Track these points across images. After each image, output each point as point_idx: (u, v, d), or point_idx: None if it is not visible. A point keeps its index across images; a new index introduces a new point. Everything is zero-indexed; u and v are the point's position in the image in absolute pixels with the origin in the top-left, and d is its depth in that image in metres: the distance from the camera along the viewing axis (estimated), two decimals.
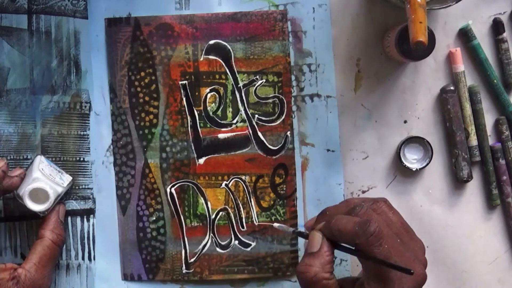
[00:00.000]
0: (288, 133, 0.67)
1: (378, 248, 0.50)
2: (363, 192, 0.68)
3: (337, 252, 0.66)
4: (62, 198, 0.65)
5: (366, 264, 0.52)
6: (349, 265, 0.66)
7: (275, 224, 0.62)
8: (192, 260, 0.67)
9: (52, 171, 0.62)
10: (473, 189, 0.68)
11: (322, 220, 0.56)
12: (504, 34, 0.67)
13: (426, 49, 0.61)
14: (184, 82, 0.67)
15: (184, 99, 0.67)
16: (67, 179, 0.63)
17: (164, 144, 0.67)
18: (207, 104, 0.67)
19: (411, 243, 0.54)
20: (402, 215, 0.68)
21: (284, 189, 0.67)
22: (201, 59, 0.66)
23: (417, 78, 0.68)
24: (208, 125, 0.67)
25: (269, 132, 0.67)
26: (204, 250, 0.67)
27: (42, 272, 0.59)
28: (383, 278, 0.50)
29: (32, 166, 0.62)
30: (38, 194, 0.60)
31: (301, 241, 0.67)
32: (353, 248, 0.52)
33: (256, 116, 0.67)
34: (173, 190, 0.67)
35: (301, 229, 0.65)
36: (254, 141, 0.67)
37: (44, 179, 0.60)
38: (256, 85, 0.67)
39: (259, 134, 0.67)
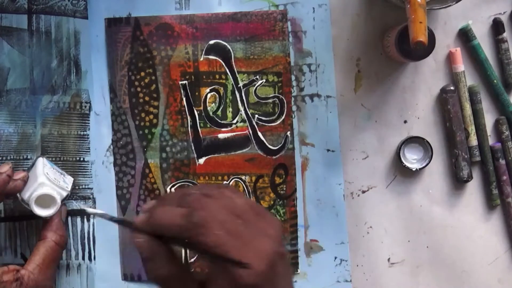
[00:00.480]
0: (288, 133, 0.67)
1: (207, 238, 0.44)
2: (363, 192, 0.68)
3: (337, 252, 0.66)
4: (65, 202, 0.65)
5: (205, 260, 0.47)
6: (349, 265, 0.66)
7: (89, 209, 0.61)
8: (192, 260, 0.67)
9: (56, 175, 0.62)
10: (473, 189, 0.68)
11: (154, 206, 0.49)
12: (504, 34, 0.67)
13: (426, 49, 0.61)
14: (184, 82, 0.67)
15: (184, 99, 0.67)
16: (70, 181, 0.63)
17: (164, 144, 0.67)
18: (207, 104, 0.67)
19: (259, 220, 0.47)
20: (402, 215, 0.68)
21: (284, 189, 0.67)
22: (201, 59, 0.66)
23: (417, 78, 0.68)
24: (208, 125, 0.67)
25: (269, 132, 0.67)
26: None
27: (45, 273, 0.59)
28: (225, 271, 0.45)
29: (35, 169, 0.61)
30: (45, 199, 0.60)
31: (301, 241, 0.67)
32: (185, 241, 0.46)
33: (256, 116, 0.67)
34: (173, 190, 0.67)
35: None
36: (254, 141, 0.67)
37: (50, 184, 0.60)
38: (256, 85, 0.67)
39: (259, 134, 0.67)
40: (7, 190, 0.59)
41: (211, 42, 0.66)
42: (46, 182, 0.60)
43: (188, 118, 0.67)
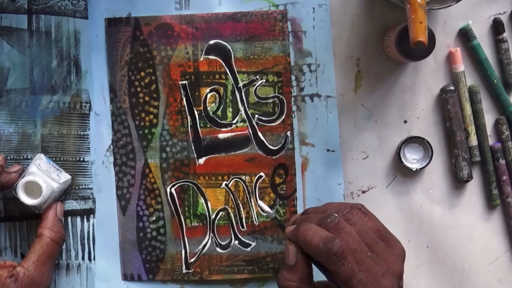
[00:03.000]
0: (288, 133, 0.67)
1: (340, 268, 0.49)
2: (363, 192, 0.68)
3: None
4: (61, 197, 0.65)
5: (330, 282, 0.52)
6: None
7: (259, 202, 0.63)
8: (192, 260, 0.67)
9: (50, 168, 0.62)
10: (473, 189, 0.68)
11: (302, 220, 0.55)
12: (504, 34, 0.67)
13: (426, 49, 0.61)
14: (184, 82, 0.67)
15: (184, 99, 0.67)
16: (64, 176, 0.63)
17: (164, 144, 0.67)
18: (207, 104, 0.67)
19: (386, 252, 0.52)
20: (402, 215, 0.68)
21: (284, 189, 0.67)
22: (201, 59, 0.66)
23: (417, 78, 0.68)
24: (208, 125, 0.67)
25: (269, 132, 0.67)
26: (204, 250, 0.67)
27: (41, 270, 0.59)
28: None
29: (30, 162, 0.62)
30: (33, 189, 0.60)
31: None
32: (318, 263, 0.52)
33: (256, 116, 0.67)
34: (173, 190, 0.67)
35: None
36: (254, 141, 0.67)
37: (39, 173, 0.60)
38: (256, 85, 0.67)
39: (259, 134, 0.67)
40: (2, 182, 0.59)
41: (211, 42, 0.66)
42: (35, 172, 0.60)
43: (188, 118, 0.67)
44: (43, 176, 0.60)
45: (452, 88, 0.67)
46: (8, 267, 0.58)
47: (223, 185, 0.67)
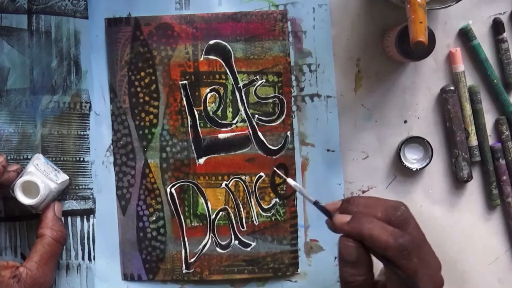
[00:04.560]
0: (288, 133, 0.67)
1: (409, 263, 0.49)
2: (363, 192, 0.68)
3: (337, 252, 0.66)
4: (59, 198, 0.64)
5: (391, 273, 0.51)
6: None
7: (290, 181, 0.57)
8: (192, 260, 0.67)
9: (48, 168, 0.62)
10: (473, 189, 0.68)
11: (348, 210, 0.53)
12: (504, 34, 0.67)
13: (426, 49, 0.61)
14: (184, 82, 0.67)
15: (184, 99, 0.67)
16: (62, 177, 0.63)
17: (164, 144, 0.67)
18: (207, 104, 0.67)
19: (431, 249, 0.53)
20: None
21: (284, 189, 0.67)
22: (201, 59, 0.66)
23: (417, 78, 0.68)
24: (208, 125, 0.67)
25: (269, 132, 0.67)
26: (204, 250, 0.67)
27: (44, 270, 0.59)
28: None
29: (28, 162, 0.62)
30: (31, 189, 0.60)
31: (301, 241, 0.67)
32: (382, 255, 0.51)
33: (256, 116, 0.67)
34: (173, 190, 0.67)
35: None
36: (254, 141, 0.67)
37: (37, 173, 0.61)
38: (256, 85, 0.67)
39: (259, 134, 0.67)
40: (1, 181, 0.59)
41: (211, 42, 0.66)
42: (33, 171, 0.60)
43: (188, 118, 0.67)
44: (41, 176, 0.61)
45: (452, 88, 0.67)
46: (11, 268, 0.58)
47: (223, 185, 0.67)
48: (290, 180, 0.57)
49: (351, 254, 0.51)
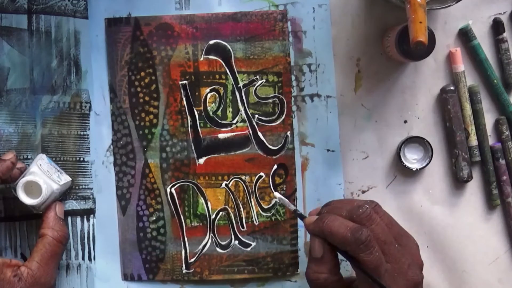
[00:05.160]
0: (288, 133, 0.67)
1: (368, 256, 0.50)
2: (363, 192, 0.68)
3: None
4: (61, 198, 0.65)
5: (358, 271, 0.53)
6: (349, 265, 0.66)
7: (276, 194, 0.63)
8: (192, 260, 0.67)
9: (51, 169, 0.62)
10: (473, 189, 0.68)
11: (320, 213, 0.56)
12: (504, 34, 0.67)
13: (426, 49, 0.61)
14: (184, 82, 0.67)
15: (184, 99, 0.67)
16: (65, 178, 0.63)
17: (164, 144, 0.67)
18: (207, 104, 0.67)
19: (408, 244, 0.54)
20: (402, 215, 0.68)
21: (284, 189, 0.67)
22: (201, 59, 0.66)
23: (417, 78, 0.68)
24: (208, 125, 0.67)
25: (269, 132, 0.67)
26: (204, 250, 0.67)
27: (45, 269, 0.59)
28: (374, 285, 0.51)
29: (32, 162, 0.62)
30: (33, 189, 0.60)
31: (301, 241, 0.67)
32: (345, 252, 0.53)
33: (256, 116, 0.67)
34: (173, 190, 0.67)
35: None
36: (254, 141, 0.67)
37: (40, 174, 0.61)
38: (256, 85, 0.67)
39: (259, 134, 0.67)
40: (4, 177, 0.60)
41: (211, 42, 0.66)
42: (36, 172, 0.60)
43: (188, 118, 0.67)
44: (43, 177, 0.61)
45: (452, 88, 0.67)
46: (13, 266, 0.58)
47: (223, 185, 0.67)
48: (276, 194, 0.63)
49: (316, 249, 0.54)
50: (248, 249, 0.67)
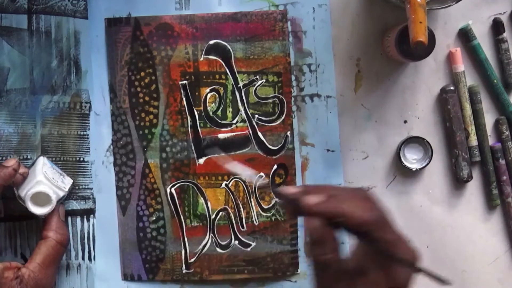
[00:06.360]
0: (288, 133, 0.67)
1: (386, 234, 0.50)
2: None
3: None
4: (62, 200, 0.65)
5: (367, 249, 0.51)
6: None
7: (233, 163, 0.64)
8: (192, 260, 0.67)
9: (55, 174, 0.62)
10: (473, 189, 0.68)
11: (331, 195, 0.52)
12: (504, 34, 0.67)
13: (426, 49, 0.61)
14: (184, 82, 0.67)
15: (184, 99, 0.67)
16: (68, 182, 0.63)
17: (164, 144, 0.67)
18: (207, 104, 0.67)
19: (395, 226, 0.54)
20: (402, 215, 0.68)
21: None
22: (201, 59, 0.66)
23: (417, 78, 0.68)
24: (208, 125, 0.67)
25: (269, 132, 0.67)
26: (204, 250, 0.67)
27: (46, 272, 0.59)
28: (387, 264, 0.50)
29: (35, 167, 0.62)
30: (41, 197, 0.60)
31: (301, 241, 0.67)
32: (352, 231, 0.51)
33: (256, 116, 0.67)
34: (173, 190, 0.67)
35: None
36: (254, 141, 0.67)
37: (47, 183, 0.60)
38: (256, 85, 0.67)
39: (259, 134, 0.67)
40: (7, 183, 0.59)
41: (211, 42, 0.66)
42: (43, 181, 0.60)
43: (188, 118, 0.67)
44: (51, 186, 0.60)
45: (452, 88, 0.67)
46: (13, 269, 0.58)
47: (223, 185, 0.67)
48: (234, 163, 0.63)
49: (316, 231, 0.51)
50: (248, 249, 0.67)
